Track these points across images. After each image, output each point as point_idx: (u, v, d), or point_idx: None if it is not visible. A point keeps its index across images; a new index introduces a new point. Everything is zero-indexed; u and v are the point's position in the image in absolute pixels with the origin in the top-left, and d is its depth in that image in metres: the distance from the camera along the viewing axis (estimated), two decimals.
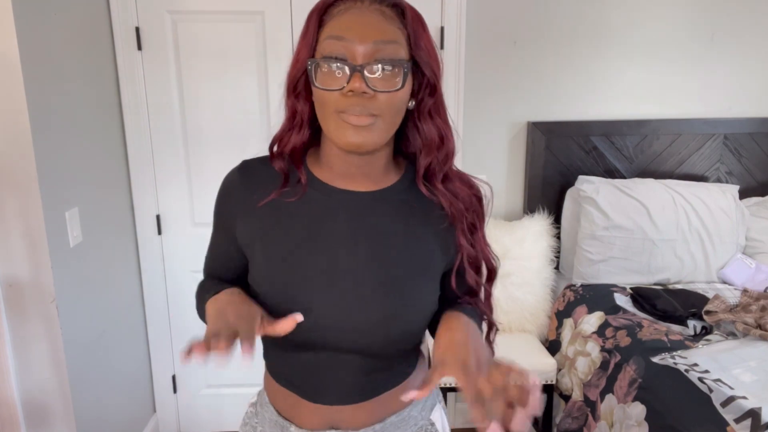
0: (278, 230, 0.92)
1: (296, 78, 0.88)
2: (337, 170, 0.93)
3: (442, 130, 0.91)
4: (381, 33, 0.81)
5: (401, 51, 0.83)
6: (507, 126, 2.41)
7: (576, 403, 1.95)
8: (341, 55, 0.80)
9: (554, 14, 2.31)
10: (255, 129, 2.32)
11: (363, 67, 0.79)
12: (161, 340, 2.49)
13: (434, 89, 0.89)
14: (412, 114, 0.91)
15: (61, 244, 1.74)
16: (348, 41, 0.80)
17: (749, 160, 2.45)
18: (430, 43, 0.86)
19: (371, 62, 0.80)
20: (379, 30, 0.81)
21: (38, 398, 1.75)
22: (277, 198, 0.92)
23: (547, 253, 2.30)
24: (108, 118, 2.16)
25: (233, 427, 2.61)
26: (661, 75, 2.39)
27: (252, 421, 1.05)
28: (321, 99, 0.83)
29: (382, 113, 0.82)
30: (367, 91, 0.79)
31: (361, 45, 0.80)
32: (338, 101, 0.81)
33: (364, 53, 0.80)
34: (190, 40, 2.23)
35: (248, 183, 0.96)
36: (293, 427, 0.97)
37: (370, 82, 0.80)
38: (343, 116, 0.81)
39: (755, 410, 1.39)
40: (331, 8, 0.84)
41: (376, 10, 0.82)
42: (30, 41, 1.60)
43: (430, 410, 1.04)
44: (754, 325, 1.81)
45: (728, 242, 2.26)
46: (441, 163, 0.92)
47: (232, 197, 0.97)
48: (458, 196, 0.94)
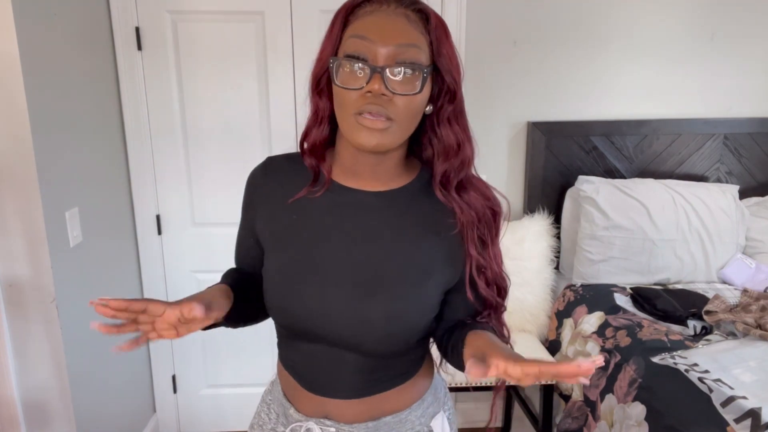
0: (288, 225, 0.95)
1: (319, 75, 0.90)
2: (348, 168, 0.94)
3: (459, 137, 0.92)
4: (404, 36, 0.83)
5: (422, 56, 0.84)
6: (507, 126, 2.41)
7: (576, 403, 1.95)
8: (363, 55, 0.82)
9: (554, 14, 2.31)
10: (255, 129, 2.32)
11: (384, 68, 0.81)
12: (161, 341, 2.49)
13: (454, 96, 0.90)
14: (430, 119, 0.92)
15: (61, 244, 1.74)
16: (371, 42, 0.82)
17: (749, 160, 2.45)
18: (452, 50, 0.88)
19: (392, 65, 0.81)
20: (402, 33, 0.83)
21: (38, 398, 1.75)
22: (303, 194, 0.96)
23: (547, 253, 2.30)
24: (108, 118, 2.16)
25: (233, 427, 2.61)
26: (661, 75, 2.39)
27: (267, 398, 1.11)
28: (340, 97, 0.85)
29: (398, 117, 0.84)
30: (386, 93, 0.81)
31: (384, 47, 0.81)
32: (356, 101, 0.83)
33: (386, 55, 0.81)
34: (190, 40, 2.23)
35: (270, 178, 1.00)
36: (292, 410, 1.01)
37: (389, 84, 0.81)
38: (359, 118, 0.83)
39: (755, 410, 1.39)
40: (357, 9, 0.86)
41: (402, 14, 0.84)
42: (30, 41, 1.60)
43: (431, 417, 1.03)
44: (754, 325, 1.81)
45: (728, 242, 2.26)
46: (456, 170, 0.93)
47: (254, 191, 1.01)
48: (471, 205, 0.94)
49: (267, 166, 1.02)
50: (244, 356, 2.53)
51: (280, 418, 1.04)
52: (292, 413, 1.01)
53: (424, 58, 0.84)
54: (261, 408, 1.12)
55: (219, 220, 2.36)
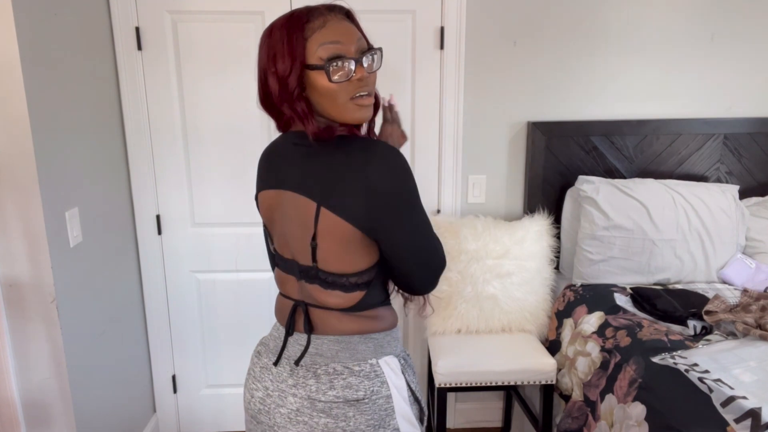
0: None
1: (294, 85, 1.06)
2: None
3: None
4: (356, 33, 1.08)
5: (366, 41, 1.10)
6: (507, 126, 2.42)
7: (576, 403, 1.95)
8: (341, 54, 1.04)
9: (554, 14, 2.31)
10: (255, 129, 2.32)
11: (360, 58, 1.06)
12: (161, 340, 2.49)
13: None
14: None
15: (61, 244, 1.75)
16: (342, 44, 1.05)
17: (749, 160, 2.45)
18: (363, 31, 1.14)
19: (365, 54, 1.07)
20: (354, 31, 1.08)
21: (38, 398, 1.75)
22: None
23: (547, 253, 2.30)
24: (108, 118, 2.16)
25: (233, 427, 2.61)
26: (661, 75, 2.39)
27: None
28: (333, 91, 1.05)
29: (373, 91, 1.12)
30: (368, 76, 1.07)
31: (352, 44, 1.06)
32: (348, 89, 1.05)
33: (355, 50, 1.06)
34: (190, 40, 2.23)
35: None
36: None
37: (367, 69, 1.07)
38: (355, 101, 1.07)
39: (755, 410, 1.39)
40: (307, 24, 1.05)
41: (343, 18, 1.08)
42: (30, 41, 1.60)
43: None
44: (754, 325, 1.81)
45: (728, 242, 2.26)
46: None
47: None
48: None
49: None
50: (244, 356, 2.53)
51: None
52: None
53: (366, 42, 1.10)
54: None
55: (219, 220, 2.37)
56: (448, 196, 2.43)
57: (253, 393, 1.20)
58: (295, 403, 1.12)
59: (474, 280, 2.21)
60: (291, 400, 1.13)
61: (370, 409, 1.11)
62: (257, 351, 1.26)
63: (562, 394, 2.07)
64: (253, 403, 1.20)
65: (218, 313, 2.49)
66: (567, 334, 2.13)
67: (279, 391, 1.15)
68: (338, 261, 1.09)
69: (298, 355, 1.15)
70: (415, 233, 1.10)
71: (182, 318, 2.48)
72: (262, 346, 1.25)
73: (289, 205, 1.12)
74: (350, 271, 1.11)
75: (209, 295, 2.47)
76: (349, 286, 1.12)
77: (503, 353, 2.11)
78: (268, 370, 1.19)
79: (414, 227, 1.09)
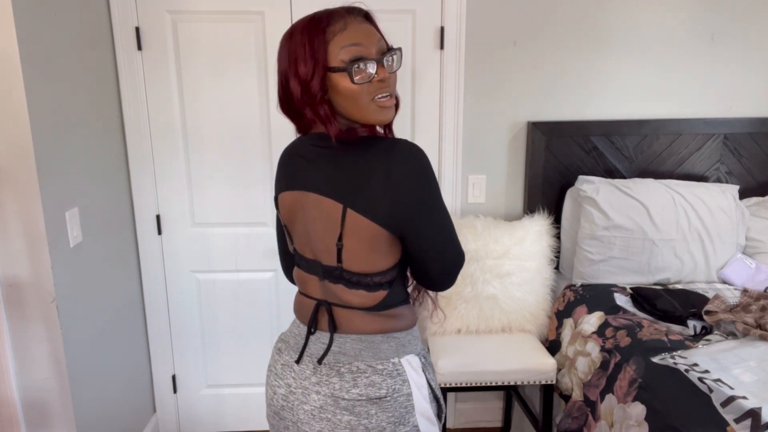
0: None
1: (318, 88, 1.06)
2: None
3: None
4: (376, 34, 1.10)
5: (385, 42, 1.11)
6: (507, 126, 2.42)
7: (576, 403, 1.95)
8: (363, 56, 1.06)
9: (554, 14, 2.31)
10: (255, 129, 2.32)
11: (381, 59, 1.08)
12: (161, 340, 2.49)
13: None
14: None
15: (61, 244, 1.74)
16: (363, 46, 1.06)
17: (749, 160, 2.45)
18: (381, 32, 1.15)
19: (385, 55, 1.09)
20: (374, 33, 1.10)
21: (38, 398, 1.75)
22: None
23: (547, 253, 2.30)
24: (108, 118, 2.16)
25: (233, 427, 2.61)
26: (661, 75, 2.39)
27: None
28: (357, 92, 1.06)
29: (394, 92, 1.12)
30: (389, 76, 1.09)
31: (373, 46, 1.07)
32: (369, 90, 1.07)
33: (376, 51, 1.08)
34: (190, 40, 2.23)
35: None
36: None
37: (388, 69, 1.09)
38: (377, 101, 1.08)
39: (755, 410, 1.39)
40: (326, 28, 1.06)
41: (363, 20, 1.10)
42: (30, 41, 1.60)
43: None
44: (754, 325, 1.81)
45: (728, 242, 2.26)
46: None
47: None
48: None
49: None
50: (244, 356, 2.53)
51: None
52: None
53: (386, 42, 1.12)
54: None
55: (219, 220, 2.36)
56: (448, 195, 2.43)
57: (276, 390, 1.22)
58: (318, 400, 1.14)
59: (474, 280, 2.21)
60: (314, 397, 1.14)
61: (391, 407, 1.12)
62: (278, 348, 1.27)
63: (562, 394, 2.07)
64: (276, 399, 1.21)
65: (218, 313, 2.49)
66: (567, 334, 2.13)
67: (302, 389, 1.16)
68: (363, 261, 1.11)
69: (320, 353, 1.17)
70: (439, 229, 1.12)
71: (182, 318, 2.48)
72: (283, 343, 1.26)
73: (312, 207, 1.13)
74: (374, 271, 1.13)
75: (209, 295, 2.47)
76: (373, 286, 1.14)
77: (503, 353, 2.11)
78: (290, 368, 1.20)
79: (438, 223, 1.11)
